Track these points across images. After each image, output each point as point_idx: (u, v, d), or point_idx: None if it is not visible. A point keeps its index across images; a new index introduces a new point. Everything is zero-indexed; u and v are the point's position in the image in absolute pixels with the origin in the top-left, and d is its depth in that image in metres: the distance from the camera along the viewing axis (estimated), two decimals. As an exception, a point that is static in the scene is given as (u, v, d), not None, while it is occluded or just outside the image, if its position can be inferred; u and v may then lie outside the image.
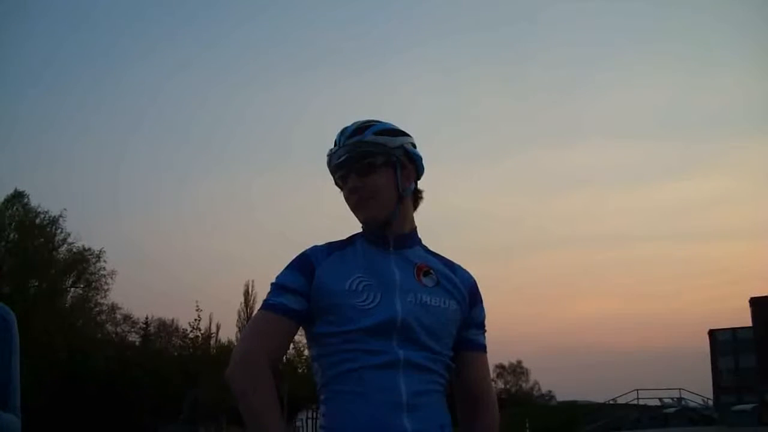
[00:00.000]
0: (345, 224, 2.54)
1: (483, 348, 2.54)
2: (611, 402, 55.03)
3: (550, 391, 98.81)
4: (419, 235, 2.54)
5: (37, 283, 50.90)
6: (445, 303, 2.40)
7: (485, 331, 2.56)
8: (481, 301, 2.55)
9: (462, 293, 2.47)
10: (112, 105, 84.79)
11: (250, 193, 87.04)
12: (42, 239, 52.28)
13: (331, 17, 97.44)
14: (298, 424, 57.34)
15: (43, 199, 63.67)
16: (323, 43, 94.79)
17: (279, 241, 73.52)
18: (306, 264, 2.39)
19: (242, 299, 60.13)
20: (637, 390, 52.24)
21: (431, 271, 2.45)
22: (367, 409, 2.22)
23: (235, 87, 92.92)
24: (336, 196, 2.50)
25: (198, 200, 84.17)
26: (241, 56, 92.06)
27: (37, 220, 52.19)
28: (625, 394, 53.46)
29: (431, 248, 2.56)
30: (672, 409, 48.65)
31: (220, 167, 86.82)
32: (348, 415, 2.24)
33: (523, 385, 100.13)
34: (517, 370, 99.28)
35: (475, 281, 2.55)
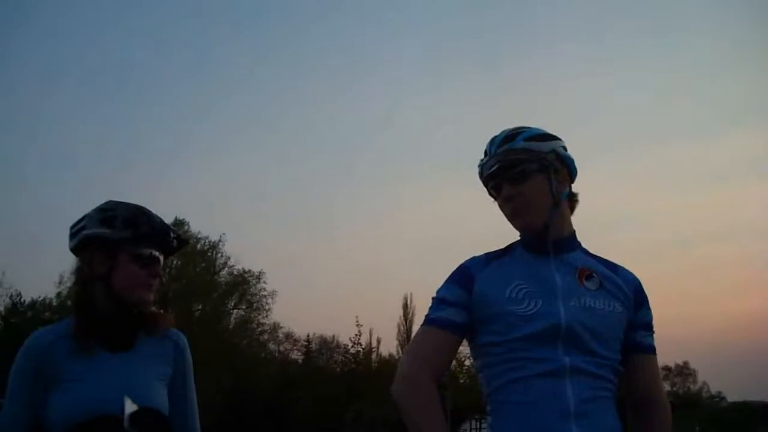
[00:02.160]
0: (501, 233, 2.50)
1: (652, 350, 2.45)
2: (788, 402, 52.90)
3: (719, 392, 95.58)
4: (578, 239, 2.48)
5: (200, 307, 52.65)
6: (609, 305, 2.34)
7: (653, 332, 2.47)
8: (647, 302, 2.47)
9: (626, 295, 2.39)
10: (263, 129, 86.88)
11: (406, 206, 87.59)
12: (203, 264, 54.07)
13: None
14: (462, 435, 57.30)
15: (202, 226, 65.83)
16: (468, 47, 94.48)
17: (437, 253, 73.63)
18: (465, 276, 2.38)
19: (401, 313, 60.73)
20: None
21: (593, 273, 2.39)
22: (535, 419, 2.18)
23: (385, 98, 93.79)
24: (491, 205, 2.47)
25: (354, 215, 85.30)
26: (383, 62, 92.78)
27: (198, 246, 53.95)
28: (803, 393, 51.29)
29: (591, 251, 2.50)
30: None
31: (373, 181, 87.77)
32: (515, 425, 2.21)
33: (691, 386, 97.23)
34: (684, 372, 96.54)
35: (639, 282, 2.47)
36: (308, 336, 63.04)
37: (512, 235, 2.48)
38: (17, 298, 52.26)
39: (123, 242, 2.47)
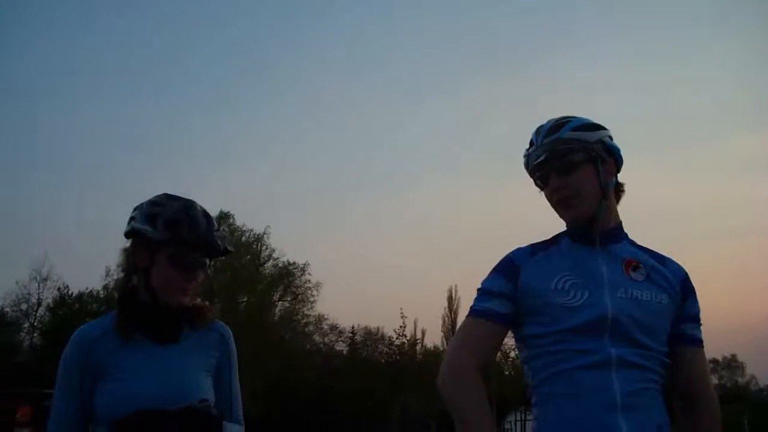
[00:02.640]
0: (545, 224, 2.48)
1: (699, 342, 2.42)
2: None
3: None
4: (625, 230, 2.46)
5: (246, 299, 52.92)
6: (656, 297, 2.31)
7: (701, 324, 2.44)
8: (695, 294, 2.44)
9: (673, 286, 2.37)
10: (308, 119, 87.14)
11: (450, 199, 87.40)
12: (249, 256, 54.34)
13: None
14: (507, 426, 57.21)
15: (247, 219, 66.12)
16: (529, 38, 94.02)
17: (481, 245, 73.42)
18: (510, 267, 2.37)
19: (446, 304, 60.62)
20: None
21: (640, 265, 2.37)
22: (580, 411, 2.16)
23: (424, 93, 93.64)
24: (537, 196, 2.46)
25: (399, 207, 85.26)
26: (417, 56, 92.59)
27: (243, 239, 54.28)
28: None
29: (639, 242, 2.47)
30: None
31: (418, 174, 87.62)
32: (561, 417, 2.20)
33: (739, 379, 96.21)
34: (731, 364, 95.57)
35: (686, 273, 2.44)
36: (353, 327, 63.25)
37: (557, 225, 2.47)
38: (65, 290, 53.03)
39: (162, 243, 2.47)
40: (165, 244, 2.46)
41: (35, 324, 53.80)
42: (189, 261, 2.50)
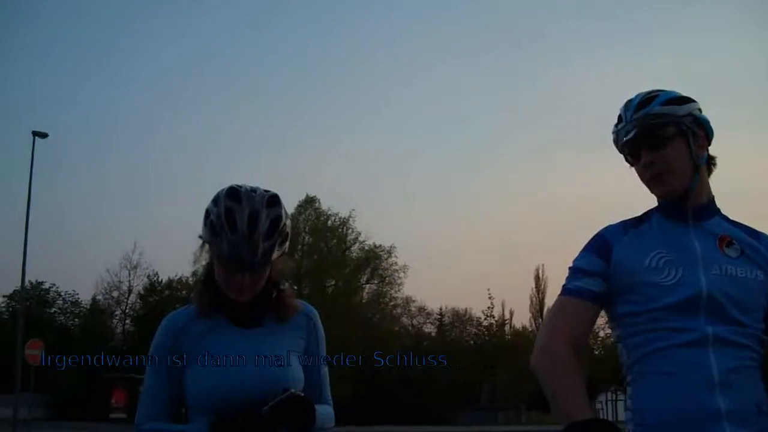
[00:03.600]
0: (633, 201, 2.43)
1: None
2: None
3: None
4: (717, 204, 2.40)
5: (333, 282, 53.51)
6: (751, 273, 2.25)
7: None
8: None
9: None
10: (394, 105, 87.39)
11: (537, 179, 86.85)
12: (335, 240, 54.86)
13: None
14: (598, 406, 56.73)
15: (332, 202, 66.58)
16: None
17: (568, 225, 72.87)
18: (602, 244, 2.33)
19: (533, 284, 60.45)
20: None
21: (734, 241, 2.31)
22: (678, 389, 2.12)
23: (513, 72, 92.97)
24: (625, 172, 2.41)
25: (484, 189, 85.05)
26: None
27: (329, 222, 54.83)
28: None
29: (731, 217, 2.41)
30: None
31: (504, 156, 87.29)
32: (657, 395, 2.16)
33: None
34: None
35: None
36: (441, 309, 63.38)
37: (647, 202, 2.42)
38: (155, 277, 54.30)
39: (211, 243, 2.44)
40: (212, 245, 2.44)
41: (126, 311, 55.35)
42: (235, 266, 2.42)
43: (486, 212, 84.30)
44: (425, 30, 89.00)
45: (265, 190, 2.48)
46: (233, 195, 2.41)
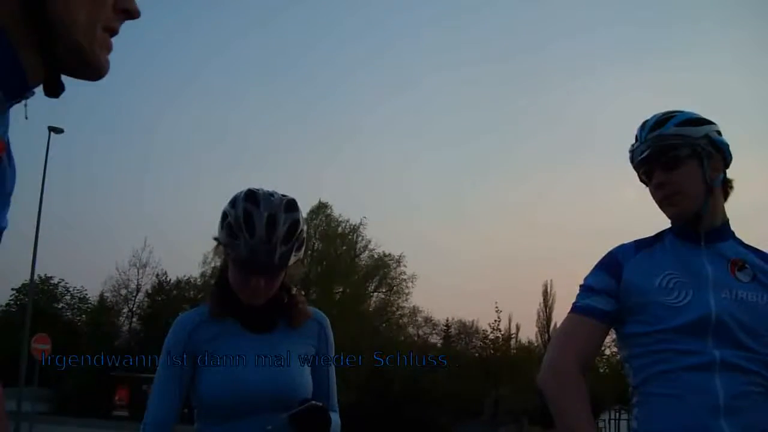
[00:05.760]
0: (647, 221, 2.44)
1: None
2: None
3: None
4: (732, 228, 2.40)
5: (341, 289, 53.39)
6: (762, 298, 2.26)
7: None
8: None
9: None
10: (399, 114, 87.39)
11: (546, 193, 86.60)
12: (344, 247, 54.79)
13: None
14: (601, 425, 56.44)
15: (344, 209, 66.51)
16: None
17: (577, 241, 72.65)
18: (614, 263, 2.35)
19: (541, 299, 60.16)
20: None
21: (746, 265, 2.31)
22: (682, 413, 2.13)
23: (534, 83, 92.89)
24: (641, 191, 2.43)
25: (495, 202, 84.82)
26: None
27: (339, 229, 54.76)
28: None
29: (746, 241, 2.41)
30: None
31: (514, 169, 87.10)
32: (662, 418, 2.17)
33: None
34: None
35: None
36: (447, 320, 63.15)
37: (661, 222, 2.43)
38: (163, 277, 54.31)
39: (227, 246, 2.46)
40: (228, 247, 2.46)
41: (134, 309, 55.32)
42: (251, 270, 2.44)
43: (498, 225, 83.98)
44: (432, 41, 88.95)
45: (283, 195, 2.49)
46: (252, 198, 2.42)
